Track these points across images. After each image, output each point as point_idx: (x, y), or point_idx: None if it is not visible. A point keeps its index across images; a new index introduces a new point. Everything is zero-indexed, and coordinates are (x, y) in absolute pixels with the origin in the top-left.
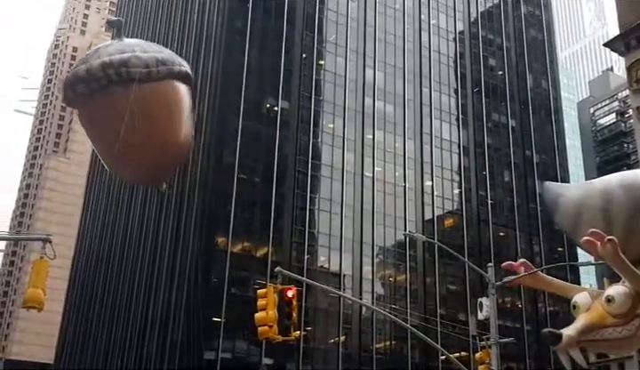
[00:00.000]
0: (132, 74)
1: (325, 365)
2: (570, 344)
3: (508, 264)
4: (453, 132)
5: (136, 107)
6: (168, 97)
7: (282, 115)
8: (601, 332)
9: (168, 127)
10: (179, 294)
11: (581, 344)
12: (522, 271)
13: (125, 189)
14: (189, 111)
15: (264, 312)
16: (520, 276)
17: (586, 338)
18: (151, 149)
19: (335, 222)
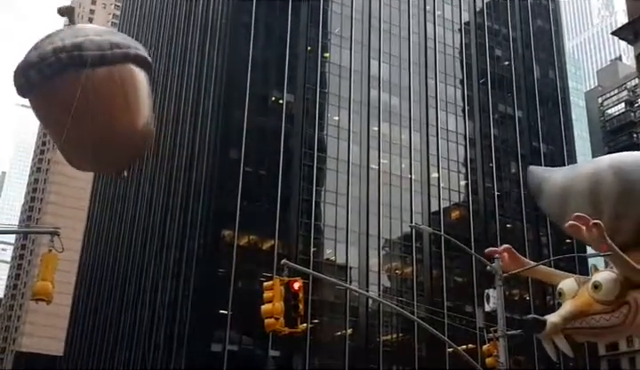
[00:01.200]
0: (85, 57)
1: (332, 357)
2: (554, 331)
3: (490, 250)
4: (459, 124)
5: (89, 91)
6: (123, 81)
7: (287, 108)
8: (587, 319)
9: (123, 112)
10: (186, 287)
11: (567, 332)
12: (505, 257)
13: (132, 183)
14: (148, 97)
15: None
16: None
17: (572, 325)
18: (105, 135)
19: (341, 215)
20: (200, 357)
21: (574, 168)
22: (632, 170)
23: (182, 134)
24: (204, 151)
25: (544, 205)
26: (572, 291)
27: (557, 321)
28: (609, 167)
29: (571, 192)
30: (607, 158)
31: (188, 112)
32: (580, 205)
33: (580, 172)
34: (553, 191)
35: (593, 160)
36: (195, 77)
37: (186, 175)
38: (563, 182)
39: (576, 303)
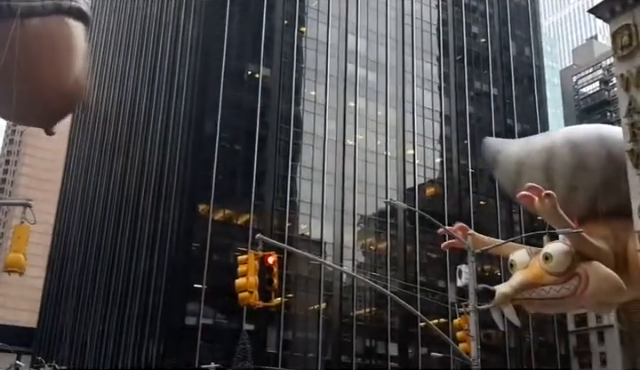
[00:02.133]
0: (14, 8)
1: (306, 331)
2: (503, 301)
3: (444, 230)
4: (435, 101)
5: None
6: (52, 34)
7: (263, 82)
8: (537, 290)
9: (50, 66)
10: (160, 260)
11: (517, 302)
12: (459, 234)
13: (106, 156)
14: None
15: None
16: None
17: (522, 296)
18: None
19: (317, 190)
20: (174, 329)
21: (529, 141)
22: (586, 144)
23: (157, 108)
24: (179, 125)
25: (499, 177)
26: (523, 262)
27: (507, 291)
28: (563, 141)
29: (525, 165)
30: (562, 132)
31: (163, 85)
32: (535, 177)
33: (535, 146)
34: (508, 164)
35: (548, 134)
36: (170, 51)
37: (160, 149)
38: (518, 155)
39: (527, 274)
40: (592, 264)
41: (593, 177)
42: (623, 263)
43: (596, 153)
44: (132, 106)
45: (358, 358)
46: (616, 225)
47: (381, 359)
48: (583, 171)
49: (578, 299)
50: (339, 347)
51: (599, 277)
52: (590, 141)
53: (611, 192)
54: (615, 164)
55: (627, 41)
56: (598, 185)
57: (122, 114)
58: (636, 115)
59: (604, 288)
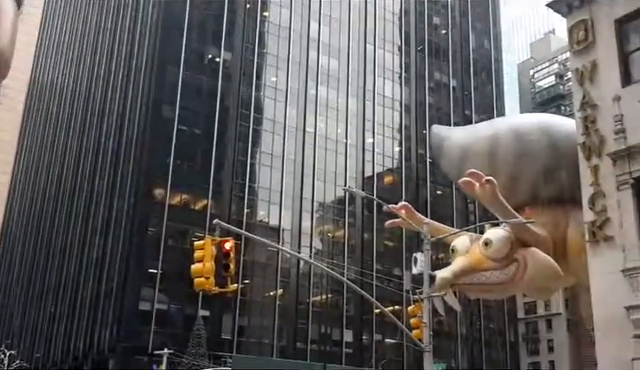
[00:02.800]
0: None
1: (262, 317)
2: (443, 286)
3: (391, 207)
4: (396, 90)
5: None
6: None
7: (224, 66)
8: (477, 276)
9: None
10: (114, 244)
11: (456, 287)
12: (402, 213)
13: (60, 138)
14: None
15: (201, 264)
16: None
17: (462, 281)
18: None
19: (276, 177)
20: (127, 314)
21: (474, 129)
22: (529, 132)
23: (114, 90)
24: (137, 108)
25: (444, 164)
26: (464, 248)
27: (447, 276)
28: (507, 129)
29: (470, 152)
30: (506, 120)
31: (121, 66)
32: (479, 164)
33: (480, 134)
34: (453, 151)
35: (493, 121)
36: (128, 31)
37: (117, 132)
38: (462, 142)
39: (467, 260)
40: (530, 250)
41: (535, 165)
42: (562, 250)
43: (539, 141)
44: (88, 86)
45: (313, 344)
46: (556, 212)
47: (336, 345)
48: (525, 158)
49: (516, 284)
50: (294, 333)
51: (537, 264)
52: (533, 130)
53: (552, 180)
54: (557, 152)
55: (582, 36)
56: (540, 173)
57: (78, 94)
58: (589, 108)
59: (541, 274)
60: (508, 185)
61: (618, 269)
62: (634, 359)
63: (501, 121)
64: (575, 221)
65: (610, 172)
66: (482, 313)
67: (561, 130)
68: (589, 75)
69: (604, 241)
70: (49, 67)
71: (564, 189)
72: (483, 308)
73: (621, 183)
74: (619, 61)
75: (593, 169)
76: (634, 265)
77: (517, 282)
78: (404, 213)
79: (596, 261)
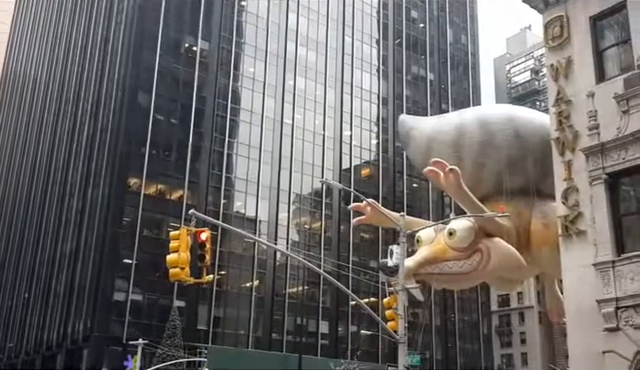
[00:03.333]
0: None
1: (237, 308)
2: (406, 276)
3: (355, 205)
4: (373, 83)
5: None
6: None
7: (201, 55)
8: (441, 265)
9: None
10: (89, 234)
11: (420, 277)
12: (368, 210)
13: (33, 125)
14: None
15: (176, 254)
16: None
17: (425, 271)
18: None
19: (253, 168)
20: (102, 305)
21: (442, 118)
22: (495, 122)
23: (89, 77)
24: (112, 96)
25: (411, 153)
26: (429, 238)
27: (410, 266)
28: (473, 119)
29: (436, 141)
30: (473, 110)
31: (96, 54)
32: (444, 154)
33: (447, 123)
34: (419, 140)
35: (460, 111)
36: (104, 18)
37: (91, 120)
38: (429, 132)
39: (431, 250)
40: (494, 241)
41: (500, 155)
42: (525, 241)
43: (504, 132)
44: (62, 73)
45: (289, 336)
46: (520, 203)
47: (312, 337)
48: (491, 148)
49: (480, 274)
50: (270, 324)
51: (500, 254)
52: (499, 120)
53: (516, 171)
54: (522, 143)
55: (558, 32)
56: (504, 163)
57: (52, 81)
58: (563, 104)
59: (504, 264)
60: (473, 175)
61: (589, 264)
62: (604, 352)
63: (468, 111)
64: (539, 212)
65: (583, 168)
66: (456, 305)
67: (526, 121)
68: (564, 71)
69: (577, 235)
70: (23, 54)
71: (528, 180)
72: (457, 300)
73: (594, 179)
74: (593, 58)
75: (566, 164)
76: (605, 259)
77: (480, 272)
78: (369, 210)
79: (568, 255)
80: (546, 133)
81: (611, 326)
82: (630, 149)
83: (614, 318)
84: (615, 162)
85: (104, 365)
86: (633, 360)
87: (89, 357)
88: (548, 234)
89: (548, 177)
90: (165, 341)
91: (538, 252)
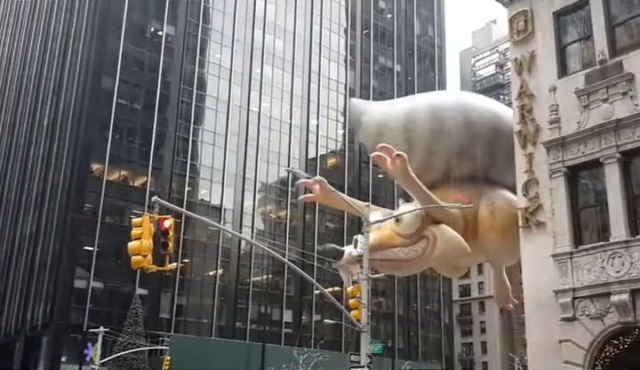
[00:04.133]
0: None
1: (201, 297)
2: (351, 261)
3: (303, 182)
4: (341, 73)
5: None
6: None
7: (167, 40)
8: (386, 251)
9: None
10: (49, 218)
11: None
12: (317, 189)
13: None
14: None
15: (138, 241)
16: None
17: (371, 257)
18: None
19: (218, 156)
20: (62, 292)
21: (393, 103)
22: (446, 109)
23: (51, 59)
24: (74, 79)
25: (361, 137)
26: (377, 224)
27: (354, 252)
28: (424, 105)
29: (386, 127)
30: (424, 96)
31: (59, 35)
32: (395, 139)
33: (397, 108)
34: (370, 124)
35: (411, 97)
36: (67, 0)
37: (53, 103)
38: (380, 117)
39: (377, 235)
40: (440, 227)
41: (449, 142)
42: (473, 228)
43: (454, 118)
44: (23, 55)
45: (253, 324)
46: (468, 190)
47: (276, 325)
48: (441, 135)
49: (425, 261)
50: (234, 313)
51: (446, 241)
52: (450, 107)
53: (465, 158)
54: (472, 130)
55: (522, 26)
56: (454, 150)
57: (13, 62)
58: (526, 98)
59: (449, 251)
60: (422, 161)
61: (548, 255)
62: (561, 341)
63: (420, 97)
64: (487, 200)
65: (544, 161)
66: (419, 295)
67: (477, 109)
68: (528, 65)
69: (536, 227)
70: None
71: (477, 168)
72: (420, 290)
73: (554, 171)
74: (556, 53)
75: (528, 157)
76: (563, 251)
77: (426, 258)
78: (318, 188)
79: (527, 246)
80: (495, 121)
81: (568, 316)
82: (589, 143)
83: (571, 308)
84: (575, 155)
85: (63, 353)
86: (588, 349)
87: (48, 344)
88: (495, 221)
89: (496, 165)
90: (127, 329)
91: (485, 239)
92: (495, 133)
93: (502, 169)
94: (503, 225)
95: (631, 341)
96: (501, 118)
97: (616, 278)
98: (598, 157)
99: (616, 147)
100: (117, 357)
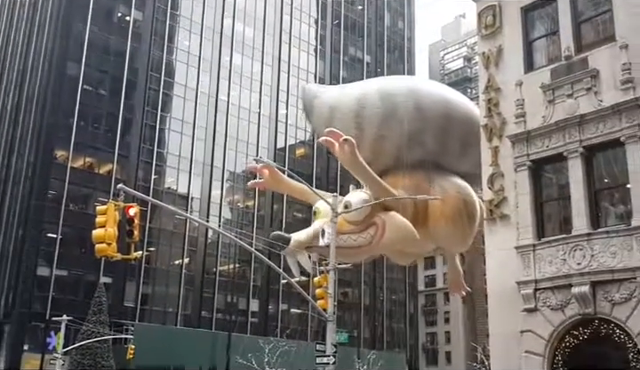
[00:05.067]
0: None
1: (167, 286)
2: (297, 248)
3: (251, 167)
4: (311, 63)
5: None
6: None
7: (134, 26)
8: (336, 239)
9: None
10: (11, 205)
11: (313, 250)
12: (265, 173)
13: None
14: None
15: (103, 229)
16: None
17: (318, 244)
18: None
19: (186, 144)
20: (24, 280)
21: (345, 88)
22: (397, 94)
23: (15, 43)
24: (39, 64)
25: (314, 123)
26: (327, 211)
27: (301, 239)
28: (375, 89)
29: (337, 111)
30: (376, 81)
31: (23, 20)
32: (346, 124)
33: (349, 93)
34: (322, 109)
35: (364, 81)
36: None
37: (16, 88)
38: (331, 101)
39: (325, 222)
40: (389, 214)
41: (400, 127)
42: (423, 215)
43: (405, 104)
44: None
45: (219, 313)
46: (419, 177)
47: (242, 315)
48: (391, 120)
49: (374, 248)
50: (200, 302)
51: (395, 227)
52: (401, 92)
53: (416, 144)
54: (422, 116)
55: (491, 21)
56: (404, 136)
57: None
58: (492, 92)
59: (398, 238)
60: (373, 147)
61: (511, 246)
62: (522, 331)
63: (372, 82)
64: (437, 187)
65: (509, 154)
66: (385, 285)
67: (429, 94)
68: (495, 59)
69: (500, 219)
70: None
71: (427, 154)
72: (386, 280)
73: (519, 165)
74: (523, 48)
75: (493, 150)
76: (526, 243)
77: (375, 245)
78: (266, 173)
79: (491, 237)
80: (447, 107)
81: (529, 307)
82: (554, 138)
83: (533, 299)
84: (539, 149)
85: (25, 342)
86: (549, 340)
87: (10, 333)
88: (445, 209)
89: (448, 151)
90: (91, 318)
91: (435, 226)
92: (446, 119)
93: (454, 156)
94: (453, 212)
95: (590, 331)
96: (453, 105)
97: (577, 270)
98: (562, 152)
99: (579, 141)
100: (81, 346)
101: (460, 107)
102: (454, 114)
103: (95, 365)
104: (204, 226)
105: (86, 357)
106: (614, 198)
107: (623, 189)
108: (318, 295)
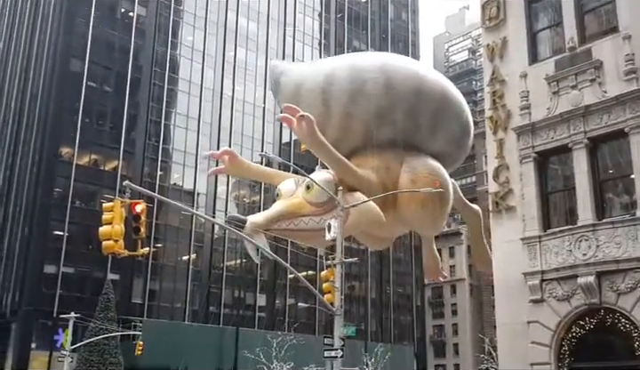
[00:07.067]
0: None
1: (174, 282)
2: (254, 231)
3: (210, 153)
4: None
5: None
6: None
7: (138, 22)
8: (296, 221)
9: None
10: (17, 203)
11: (273, 233)
12: (225, 159)
13: None
14: None
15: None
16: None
17: (279, 226)
18: None
19: (191, 139)
20: (32, 278)
21: (314, 64)
22: (366, 70)
23: (18, 40)
24: (42, 61)
25: (280, 100)
26: (289, 191)
27: (259, 221)
28: (344, 65)
29: (304, 88)
30: (347, 57)
31: (26, 16)
32: (312, 102)
33: (317, 69)
34: (288, 86)
35: (334, 58)
36: None
37: (20, 85)
38: (298, 78)
39: (286, 204)
40: (354, 195)
41: (369, 104)
42: (393, 197)
43: (375, 80)
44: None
45: (226, 309)
46: (388, 157)
47: (249, 310)
48: (359, 97)
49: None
50: (207, 297)
51: (360, 209)
52: (371, 68)
53: (386, 122)
54: (393, 92)
55: (495, 13)
56: (373, 113)
57: None
58: (497, 84)
59: (363, 221)
60: (340, 125)
61: (517, 238)
62: (529, 322)
63: (342, 58)
64: (408, 167)
65: (514, 146)
66: (391, 279)
67: (400, 71)
68: (499, 51)
69: (506, 211)
70: None
71: (398, 133)
72: (392, 274)
73: (524, 157)
74: (527, 39)
75: (498, 142)
76: (532, 234)
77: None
78: (227, 159)
79: (497, 229)
80: (419, 84)
81: (536, 298)
82: (558, 129)
83: (539, 290)
84: (544, 141)
85: (33, 339)
86: (555, 330)
87: (17, 331)
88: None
89: (419, 130)
90: (98, 315)
91: (406, 208)
92: (417, 96)
93: (426, 135)
94: (425, 195)
95: (596, 321)
96: (425, 81)
97: (583, 261)
98: (567, 143)
99: (584, 133)
100: (89, 344)
101: (432, 83)
102: (426, 89)
103: (103, 362)
104: (211, 222)
105: (94, 355)
106: (619, 189)
107: (628, 180)
108: (325, 289)
